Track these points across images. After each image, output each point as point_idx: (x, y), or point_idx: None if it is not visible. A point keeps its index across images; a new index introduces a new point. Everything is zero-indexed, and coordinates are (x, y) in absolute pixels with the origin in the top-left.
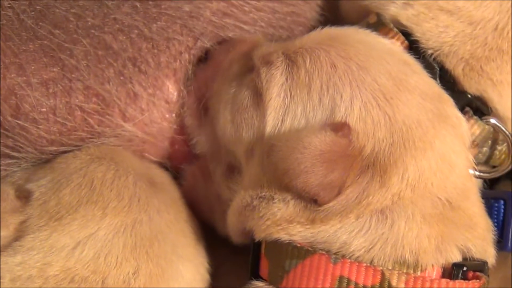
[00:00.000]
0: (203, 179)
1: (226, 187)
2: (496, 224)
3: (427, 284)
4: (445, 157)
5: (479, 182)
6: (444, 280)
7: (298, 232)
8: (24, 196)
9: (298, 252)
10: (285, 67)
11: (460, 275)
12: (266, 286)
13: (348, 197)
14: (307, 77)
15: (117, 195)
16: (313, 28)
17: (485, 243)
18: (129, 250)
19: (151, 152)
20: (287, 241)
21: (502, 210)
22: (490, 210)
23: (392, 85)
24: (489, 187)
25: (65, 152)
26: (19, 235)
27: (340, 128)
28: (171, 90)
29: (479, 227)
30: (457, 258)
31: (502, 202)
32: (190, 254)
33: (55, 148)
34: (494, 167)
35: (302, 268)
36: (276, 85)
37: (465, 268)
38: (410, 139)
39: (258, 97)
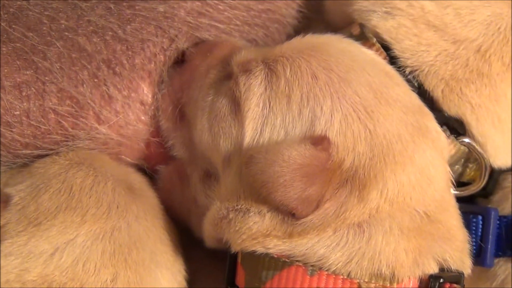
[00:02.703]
0: (180, 182)
1: (203, 193)
2: (474, 239)
3: None
4: (424, 171)
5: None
6: None
7: (275, 246)
8: (2, 201)
9: (275, 264)
10: (264, 76)
11: (436, 286)
12: None
13: (326, 211)
14: (287, 87)
15: (96, 201)
16: (289, 24)
17: (462, 255)
18: (107, 257)
19: (127, 154)
20: (264, 253)
21: (480, 226)
22: (469, 225)
23: (373, 97)
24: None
25: (39, 155)
26: None
27: (319, 141)
28: (146, 92)
29: (456, 239)
30: (434, 269)
31: (480, 217)
32: (168, 262)
33: (30, 151)
34: (464, 183)
35: (278, 279)
36: (255, 95)
37: (441, 280)
38: (390, 154)
39: (236, 106)
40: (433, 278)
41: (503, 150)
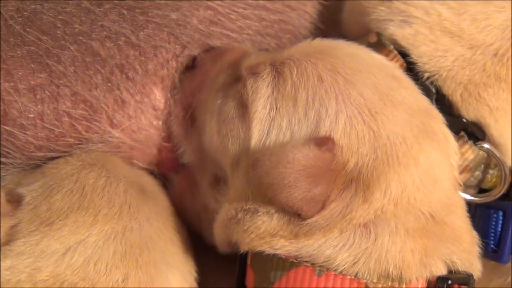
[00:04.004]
0: (190, 189)
1: (213, 198)
2: (493, 235)
3: None
4: (429, 172)
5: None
6: None
7: (282, 246)
8: (15, 200)
9: (283, 264)
10: (272, 78)
11: None
12: None
13: (332, 211)
14: (293, 90)
15: (108, 202)
16: (301, 35)
17: (470, 257)
18: (118, 257)
19: (139, 159)
20: (272, 253)
21: (501, 222)
22: (488, 220)
23: (378, 99)
24: None
25: (52, 158)
26: (9, 239)
27: (324, 142)
28: (159, 97)
29: (464, 241)
30: (442, 271)
31: (501, 213)
32: (178, 262)
33: (43, 154)
34: (483, 189)
35: (286, 279)
36: (262, 97)
37: (449, 282)
38: (394, 155)
39: (244, 108)
40: (441, 279)
41: None
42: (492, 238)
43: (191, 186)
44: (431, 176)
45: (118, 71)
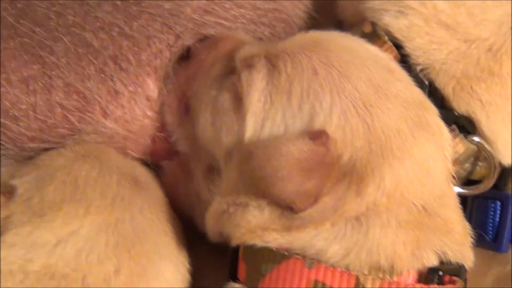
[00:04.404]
0: (183, 177)
1: (206, 188)
2: (491, 225)
3: None
4: (423, 165)
5: None
6: (418, 285)
7: (274, 239)
8: (7, 192)
9: (274, 256)
10: (266, 71)
11: (435, 279)
12: None
13: (325, 205)
14: (287, 83)
15: (101, 193)
16: (295, 24)
17: (462, 248)
18: (111, 249)
19: (132, 149)
20: (263, 246)
21: (498, 211)
22: (486, 210)
23: (372, 93)
24: None
25: (46, 149)
26: (1, 230)
27: (318, 136)
28: (152, 87)
29: (456, 232)
30: (433, 262)
31: (498, 203)
32: (171, 254)
33: (36, 145)
34: (471, 181)
35: (277, 272)
36: (256, 90)
37: (440, 273)
38: (388, 148)
39: (238, 101)
40: (432, 270)
41: None
42: (490, 228)
43: (184, 175)
44: (425, 169)
45: (111, 62)
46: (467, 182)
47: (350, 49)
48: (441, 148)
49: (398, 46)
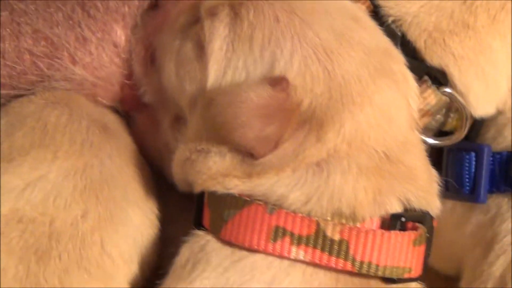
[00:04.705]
0: (152, 127)
1: (173, 137)
2: (467, 176)
3: (362, 235)
4: (385, 111)
5: None
6: (379, 231)
7: (235, 186)
8: None
9: (236, 203)
10: (229, 19)
11: (398, 225)
12: (206, 235)
13: (285, 151)
14: (250, 30)
15: (70, 139)
16: None
17: (427, 195)
18: (78, 193)
19: (102, 96)
20: (226, 192)
21: (474, 163)
22: (462, 162)
23: (334, 40)
24: None
25: (16, 96)
26: None
27: (278, 82)
28: (120, 34)
29: (420, 179)
30: (397, 209)
31: (473, 154)
32: (139, 200)
33: (6, 91)
34: (443, 132)
35: (239, 218)
36: (219, 38)
37: (403, 219)
38: (349, 95)
39: (201, 49)
40: (394, 217)
41: (485, 101)
42: (467, 180)
43: (153, 124)
44: (387, 116)
45: (79, 9)
46: (439, 133)
47: None
48: (404, 96)
49: None
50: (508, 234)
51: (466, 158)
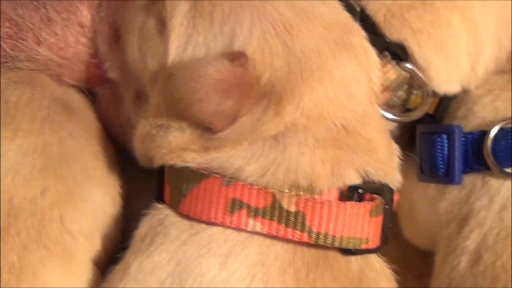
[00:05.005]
0: (115, 103)
1: (135, 113)
2: (441, 159)
3: (318, 206)
4: (344, 85)
5: None
6: (335, 201)
7: (193, 159)
8: None
9: (194, 176)
10: None
11: (355, 197)
12: (166, 209)
13: (243, 125)
14: (210, 6)
15: (30, 118)
16: None
17: (386, 167)
18: (37, 171)
19: (67, 76)
20: (184, 166)
21: (446, 144)
22: (434, 145)
23: (293, 15)
24: None
25: None
26: None
27: (236, 57)
28: (85, 14)
29: (379, 152)
30: (355, 181)
31: (445, 136)
32: (101, 177)
33: None
34: (409, 109)
35: (197, 191)
36: (179, 13)
37: (360, 191)
38: (308, 69)
39: (163, 25)
40: (351, 188)
41: (446, 76)
42: (441, 162)
43: (116, 100)
44: (346, 89)
45: None
46: (405, 111)
47: None
48: (365, 70)
49: None
50: (482, 210)
51: (438, 140)
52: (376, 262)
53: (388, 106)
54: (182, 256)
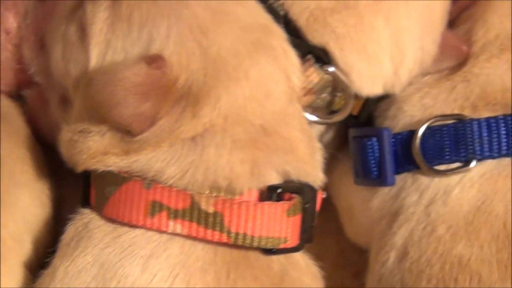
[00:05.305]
0: (43, 107)
1: (61, 118)
2: (373, 161)
3: (235, 206)
4: (262, 85)
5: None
6: (252, 202)
7: (114, 163)
8: None
9: (115, 179)
10: (109, 2)
11: (274, 197)
12: (91, 213)
13: (161, 127)
14: (128, 11)
15: None
16: None
17: (307, 166)
18: None
19: None
20: (107, 170)
21: (377, 147)
22: (365, 149)
23: (211, 17)
24: None
25: None
26: None
27: (154, 60)
28: (11, 21)
29: (299, 151)
30: (275, 181)
31: (375, 139)
32: (29, 181)
33: None
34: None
35: (119, 194)
36: (99, 20)
37: (279, 190)
38: (225, 70)
39: (83, 32)
40: (271, 188)
41: (369, 79)
42: (373, 165)
43: (44, 104)
44: (264, 89)
45: None
46: (331, 113)
47: None
48: (283, 70)
49: None
50: (411, 206)
51: (369, 144)
52: (301, 260)
53: (313, 108)
54: (106, 258)
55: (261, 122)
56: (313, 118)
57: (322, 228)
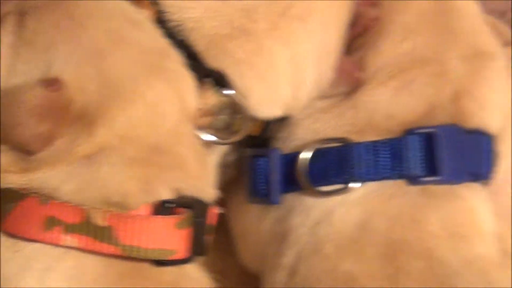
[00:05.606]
0: None
1: None
2: (262, 181)
3: (126, 220)
4: (156, 107)
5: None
6: (142, 215)
7: (13, 181)
8: None
9: (13, 196)
10: (15, 27)
11: (166, 211)
12: None
13: (59, 147)
14: (32, 37)
15: None
16: None
17: (199, 183)
18: None
19: None
20: (8, 187)
21: (265, 167)
22: (255, 168)
23: (108, 41)
24: None
25: None
26: None
27: (52, 83)
28: None
29: (192, 168)
30: (168, 196)
31: (265, 159)
32: None
33: None
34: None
35: (18, 210)
36: (6, 45)
37: (170, 205)
38: (121, 92)
39: None
40: (163, 203)
41: (267, 102)
42: (262, 184)
43: None
44: (158, 110)
45: None
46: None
47: (96, 4)
48: (178, 92)
49: (156, 4)
50: (299, 227)
51: (258, 164)
52: (193, 272)
53: (214, 129)
54: (7, 272)
55: (154, 141)
56: (211, 138)
57: (227, 246)
